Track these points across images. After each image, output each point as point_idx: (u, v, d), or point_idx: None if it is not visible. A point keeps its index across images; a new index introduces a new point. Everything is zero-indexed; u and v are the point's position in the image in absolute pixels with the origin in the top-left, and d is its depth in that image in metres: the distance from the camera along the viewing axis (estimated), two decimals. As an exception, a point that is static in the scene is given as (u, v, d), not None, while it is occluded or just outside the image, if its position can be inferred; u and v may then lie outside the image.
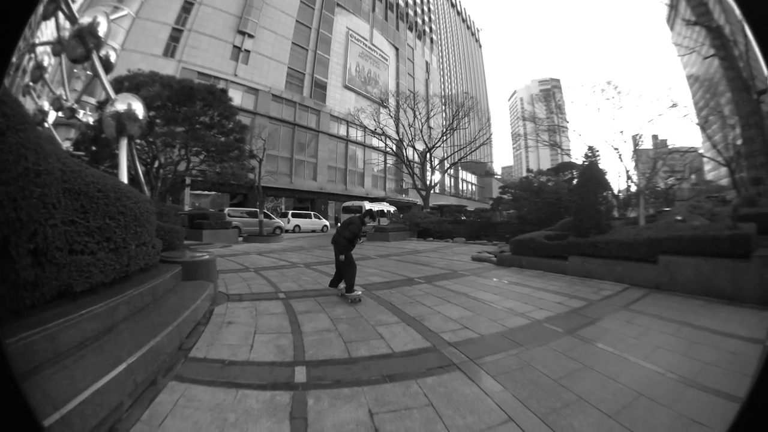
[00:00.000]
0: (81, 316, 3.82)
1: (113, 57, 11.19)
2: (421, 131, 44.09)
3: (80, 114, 15.22)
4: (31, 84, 13.68)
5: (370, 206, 32.66)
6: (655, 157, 30.40)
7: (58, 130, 15.55)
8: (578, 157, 36.93)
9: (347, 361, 4.75)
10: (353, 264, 8.03)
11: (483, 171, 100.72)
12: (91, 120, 17.46)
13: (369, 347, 5.25)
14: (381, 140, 47.77)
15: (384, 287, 9.36)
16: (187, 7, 41.68)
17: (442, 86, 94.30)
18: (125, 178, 8.43)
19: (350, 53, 61.47)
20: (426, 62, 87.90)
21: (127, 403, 3.39)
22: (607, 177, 13.73)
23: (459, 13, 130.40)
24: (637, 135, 27.35)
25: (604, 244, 10.72)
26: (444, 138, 45.21)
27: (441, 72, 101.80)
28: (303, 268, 12.27)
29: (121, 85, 19.76)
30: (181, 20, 41.01)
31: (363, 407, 3.62)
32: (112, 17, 9.52)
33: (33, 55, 13.12)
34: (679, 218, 12.34)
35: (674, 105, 28.43)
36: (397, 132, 44.44)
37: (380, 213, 32.25)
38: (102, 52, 9.57)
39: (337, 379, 4.22)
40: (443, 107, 47.64)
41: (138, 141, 16.91)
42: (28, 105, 13.26)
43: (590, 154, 34.03)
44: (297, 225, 35.63)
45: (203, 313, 6.38)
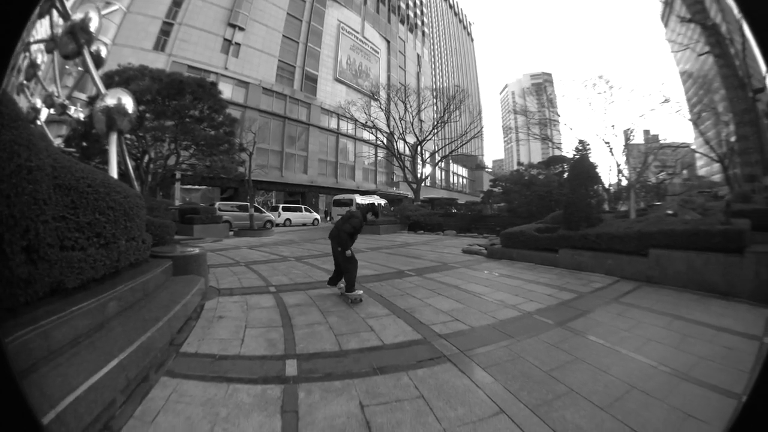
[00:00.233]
0: (72, 313, 3.78)
1: (104, 52, 11.09)
2: (412, 124, 44.05)
3: (71, 110, 15.08)
4: (25, 82, 13.54)
5: (362, 199, 32.63)
6: (647, 152, 30.56)
7: (50, 127, 15.41)
8: (569, 151, 37.05)
9: (338, 354, 4.75)
10: (354, 261, 7.49)
11: (474, 164, 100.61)
12: (82, 116, 17.32)
13: (359, 340, 5.25)
14: (372, 133, 47.71)
15: (374, 280, 9.37)
16: (178, 1, 41.34)
17: (434, 79, 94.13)
18: (115, 173, 8.37)
19: (341, 46, 61.13)
20: (417, 55, 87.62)
21: (120, 400, 3.37)
22: (598, 171, 13.74)
23: (451, 7, 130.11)
24: (629, 129, 27.49)
25: (595, 237, 10.77)
26: (435, 131, 45.21)
27: (432, 65, 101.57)
28: (294, 262, 12.26)
29: (112, 80, 19.64)
30: (172, 14, 40.67)
31: (354, 400, 3.61)
32: (104, 12, 9.46)
33: (27, 54, 12.99)
34: (671, 212, 12.40)
35: (666, 100, 28.62)
36: (388, 125, 44.40)
37: (371, 206, 32.25)
38: (93, 48, 9.49)
39: (328, 372, 4.22)
40: (434, 100, 47.62)
41: (128, 136, 16.82)
42: (22, 103, 13.13)
43: (581, 148, 34.11)
44: (288, 219, 35.54)
45: (194, 308, 6.34)
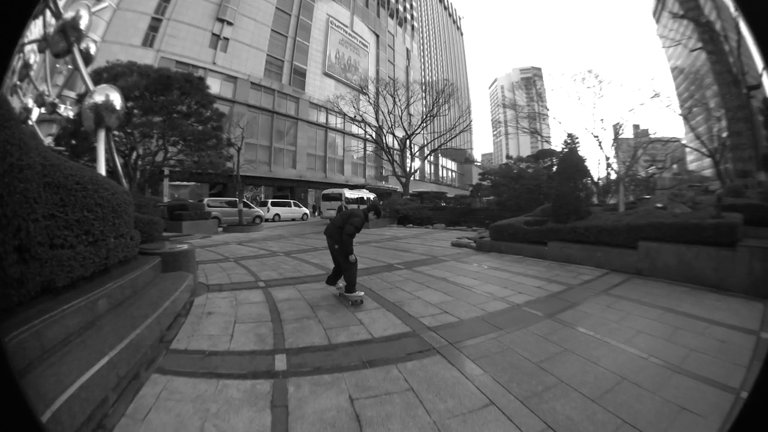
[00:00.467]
0: (63, 311, 3.76)
1: (93, 49, 11.00)
2: (401, 118, 44.01)
3: (61, 108, 14.98)
4: (18, 83, 13.43)
5: (351, 193, 32.63)
6: (636, 146, 30.73)
7: (41, 127, 15.32)
8: (558, 145, 37.16)
9: (327, 348, 4.75)
10: (355, 260, 6.96)
11: (463, 158, 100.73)
12: (71, 114, 17.19)
13: (349, 333, 5.26)
14: (360, 127, 47.57)
15: (363, 273, 9.31)
16: (168, -5, 40.93)
17: (423, 73, 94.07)
18: (103, 170, 8.33)
19: (330, 40, 60.81)
20: (407, 49, 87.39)
21: (113, 398, 3.35)
22: (587, 164, 13.81)
23: (441, 1, 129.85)
24: (618, 124, 27.64)
25: (584, 230, 10.83)
26: (424, 125, 45.20)
27: (422, 59, 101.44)
28: (283, 257, 12.25)
29: (100, 77, 19.42)
30: (161, 9, 40.22)
31: (343, 393, 3.62)
32: (94, 10, 9.39)
33: (21, 55, 12.88)
34: (660, 205, 12.46)
35: (656, 95, 28.79)
36: (377, 119, 44.36)
37: (360, 200, 32.14)
38: (82, 45, 9.44)
39: (317, 366, 4.22)
40: (423, 94, 47.59)
41: (116, 133, 16.70)
42: (15, 103, 13.03)
43: (570, 141, 34.26)
44: (277, 214, 35.39)
45: (183, 305, 6.33)
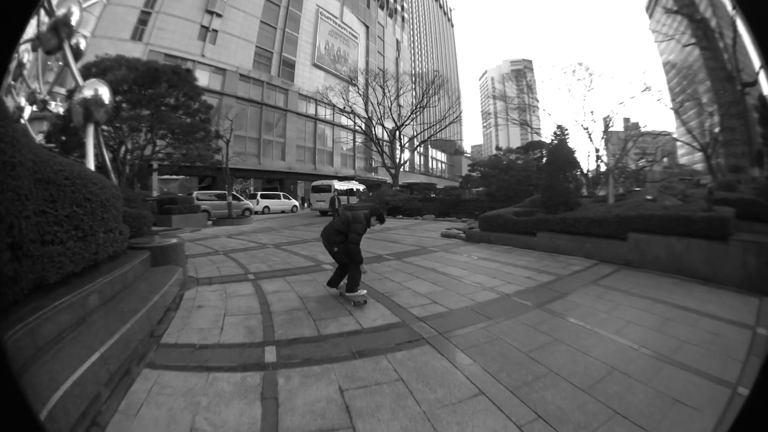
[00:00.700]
0: (55, 308, 3.74)
1: (83, 44, 10.95)
2: (390, 109, 43.92)
3: (51, 105, 14.91)
4: (12, 83, 13.32)
5: (340, 185, 32.55)
6: (626, 138, 30.88)
7: (33, 124, 15.24)
8: (548, 136, 37.26)
9: (317, 339, 4.76)
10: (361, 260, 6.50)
11: (453, 149, 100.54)
12: (62, 110, 17.07)
13: (338, 324, 5.27)
14: (350, 119, 47.47)
15: (354, 265, 9.39)
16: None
17: (413, 65, 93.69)
18: (92, 165, 8.29)
19: (320, 31, 60.35)
20: (397, 41, 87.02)
21: (105, 394, 3.34)
22: (577, 156, 13.86)
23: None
24: (608, 116, 27.75)
25: (573, 221, 10.88)
26: (413, 116, 45.15)
27: (412, 51, 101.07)
28: (272, 249, 12.25)
29: (89, 72, 19.28)
30: (150, 2, 39.73)
31: (333, 384, 3.63)
32: (85, 5, 9.35)
33: (16, 55, 12.78)
34: (650, 198, 12.52)
35: (647, 88, 28.95)
36: (366, 110, 44.27)
37: (349, 192, 32.12)
38: (73, 41, 9.42)
39: (307, 357, 4.23)
40: (413, 85, 47.51)
41: (105, 127, 16.59)
42: (9, 102, 12.96)
43: (559, 133, 34.33)
44: (266, 206, 35.35)
45: (173, 299, 6.31)
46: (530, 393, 3.49)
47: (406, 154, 53.52)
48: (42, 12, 9.08)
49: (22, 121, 13.28)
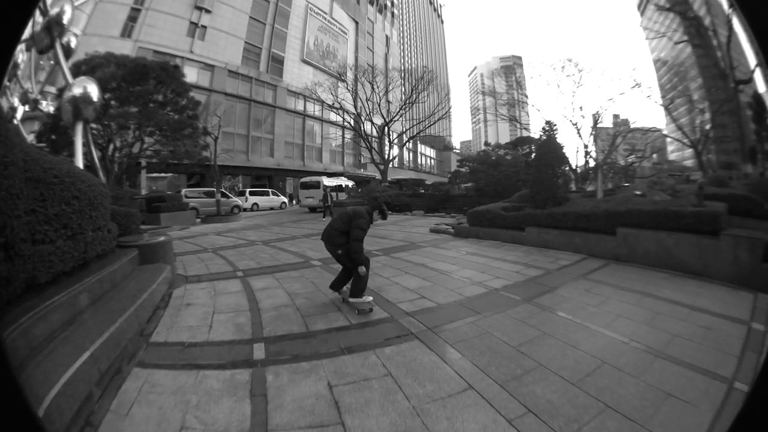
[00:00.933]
0: (47, 308, 3.73)
1: (74, 42, 10.89)
2: (379, 105, 43.80)
3: (42, 104, 14.81)
4: (7, 83, 13.21)
5: (329, 181, 32.48)
6: (615, 134, 30.99)
7: (25, 124, 15.14)
8: (537, 132, 37.40)
9: (305, 335, 4.76)
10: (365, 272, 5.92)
11: (442, 145, 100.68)
12: (52, 109, 16.95)
13: (327, 320, 5.28)
14: (339, 115, 47.26)
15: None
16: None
17: (402, 61, 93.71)
18: (81, 163, 8.25)
19: (309, 27, 60.05)
20: (386, 36, 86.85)
21: (97, 394, 3.33)
22: (565, 151, 13.91)
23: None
24: (597, 112, 27.83)
25: (561, 216, 10.93)
26: (402, 112, 45.07)
27: (401, 46, 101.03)
28: (261, 246, 12.25)
29: (79, 70, 19.14)
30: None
31: (322, 380, 3.63)
32: (77, 3, 9.33)
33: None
34: (639, 193, 12.57)
35: (637, 85, 29.06)
36: (355, 106, 44.12)
37: (338, 188, 32.08)
38: (64, 39, 9.37)
39: (296, 354, 4.23)
40: (402, 81, 47.42)
41: (94, 125, 16.49)
42: (3, 103, 12.87)
43: (548, 129, 34.40)
44: (255, 203, 35.30)
45: (162, 297, 6.29)
46: (520, 387, 3.50)
47: (395, 150, 53.43)
48: (37, 12, 9.03)
49: (15, 121, 13.20)
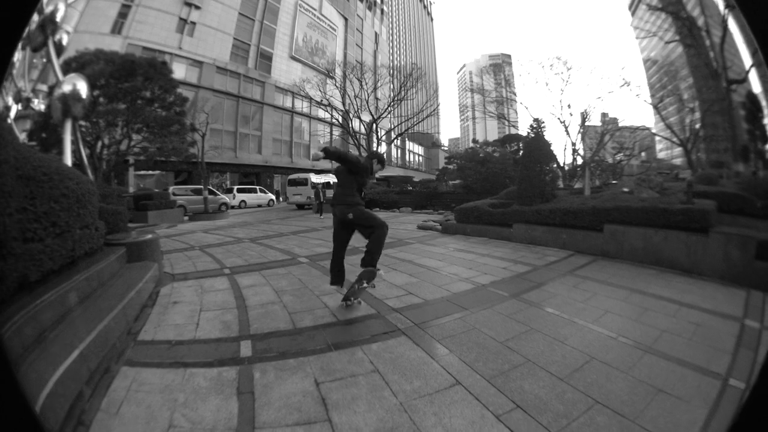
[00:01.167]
0: (36, 307, 3.68)
1: (65, 40, 10.84)
2: (368, 102, 43.77)
3: (34, 103, 14.71)
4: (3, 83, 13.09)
5: (317, 178, 32.46)
6: (603, 131, 31.19)
7: (18, 123, 15.06)
8: (525, 129, 37.54)
9: (292, 332, 4.74)
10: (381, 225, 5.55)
11: (430, 142, 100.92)
12: (43, 107, 16.86)
13: (314, 317, 5.26)
14: (327, 111, 47.19)
15: (329, 257, 9.19)
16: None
17: (391, 58, 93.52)
18: (69, 161, 8.22)
19: (298, 23, 59.87)
20: (375, 33, 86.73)
21: (88, 393, 3.29)
22: (553, 149, 13.99)
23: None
24: (585, 111, 28.01)
25: (548, 212, 10.99)
26: (390, 109, 45.07)
27: (390, 44, 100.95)
28: (248, 243, 12.17)
29: (69, 67, 19.05)
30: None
31: (309, 377, 3.61)
32: (70, 1, 9.30)
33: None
34: (626, 190, 12.65)
35: (626, 83, 29.32)
36: (343, 103, 44.05)
37: (326, 185, 32.05)
38: (56, 37, 9.33)
39: (283, 351, 4.20)
40: (391, 78, 47.41)
41: (82, 123, 16.40)
42: None
43: (536, 126, 34.56)
44: (243, 200, 35.33)
45: (149, 295, 6.24)
46: (507, 382, 3.50)
47: (383, 147, 53.42)
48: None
49: (9, 120, 13.15)
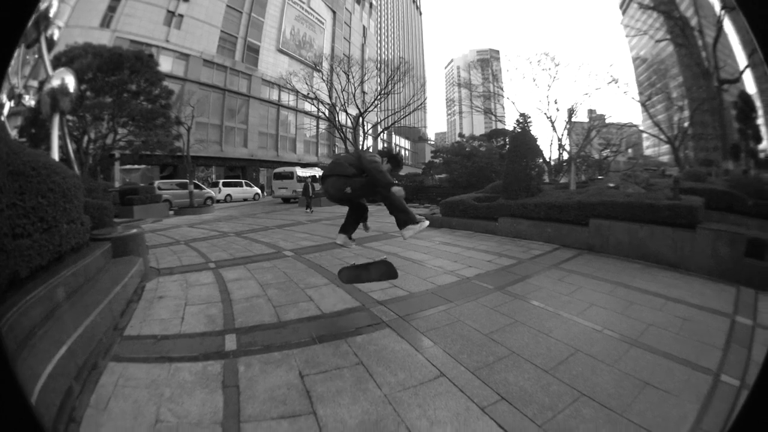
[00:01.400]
0: (27, 302, 3.65)
1: (57, 35, 10.76)
2: (354, 95, 43.61)
3: (25, 99, 14.60)
4: None
5: (302, 172, 32.31)
6: (590, 127, 31.36)
7: (10, 120, 14.94)
8: (511, 124, 37.67)
9: (277, 326, 4.74)
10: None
11: (416, 136, 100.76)
12: (33, 103, 16.70)
13: (298, 310, 5.26)
14: (314, 105, 46.97)
15: (314, 250, 9.42)
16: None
17: (379, 52, 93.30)
18: (56, 155, 8.18)
19: (286, 16, 59.31)
20: (363, 27, 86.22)
21: (77, 389, 3.28)
22: (539, 144, 14.08)
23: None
24: (572, 107, 28.15)
25: (534, 206, 11.05)
26: (377, 103, 44.97)
27: (378, 38, 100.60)
28: (233, 237, 12.14)
29: (59, 61, 18.88)
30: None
31: (293, 370, 3.61)
32: None
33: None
34: (612, 185, 12.74)
35: (614, 80, 29.47)
36: (330, 96, 43.86)
37: (312, 178, 32.02)
38: (48, 32, 9.28)
39: (267, 344, 4.20)
40: (378, 72, 47.28)
41: (69, 117, 16.27)
42: None
43: (522, 121, 34.67)
44: (228, 194, 34.90)
45: (135, 290, 6.21)
46: (492, 374, 3.52)
47: (370, 141, 53.28)
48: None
49: (2, 118, 13.06)
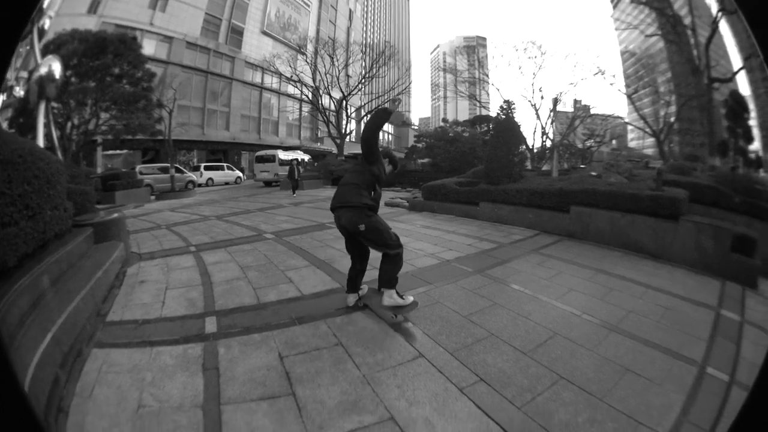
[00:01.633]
0: (15, 292, 3.62)
1: (47, 25, 10.62)
2: (338, 78, 43.34)
3: (16, 90, 14.43)
4: None
5: (285, 155, 32.10)
6: (574, 116, 31.46)
7: (2, 113, 14.79)
8: (496, 110, 37.73)
9: (257, 308, 4.76)
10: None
11: (400, 121, 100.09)
12: (22, 93, 16.49)
13: (278, 292, 5.28)
14: (297, 87, 46.63)
15: (295, 233, 9.43)
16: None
17: (365, 35, 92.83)
18: (42, 142, 8.14)
19: (272, -3, 58.83)
20: (350, 10, 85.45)
21: (63, 378, 3.26)
22: (523, 131, 14.13)
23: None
24: (557, 96, 28.21)
25: (515, 192, 11.11)
26: (361, 86, 44.74)
27: (364, 21, 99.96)
28: (215, 221, 12.07)
29: (48, 50, 18.60)
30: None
31: (273, 352, 3.64)
32: None
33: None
34: (594, 174, 12.86)
35: (600, 72, 29.54)
36: (314, 79, 43.55)
37: (296, 162, 31.98)
38: (40, 23, 9.16)
39: (247, 326, 4.22)
40: (362, 55, 46.99)
41: (54, 105, 16.11)
42: None
43: (506, 108, 34.67)
44: (210, 178, 34.62)
45: (116, 275, 6.17)
46: (471, 356, 3.56)
47: (353, 125, 53.10)
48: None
49: None
